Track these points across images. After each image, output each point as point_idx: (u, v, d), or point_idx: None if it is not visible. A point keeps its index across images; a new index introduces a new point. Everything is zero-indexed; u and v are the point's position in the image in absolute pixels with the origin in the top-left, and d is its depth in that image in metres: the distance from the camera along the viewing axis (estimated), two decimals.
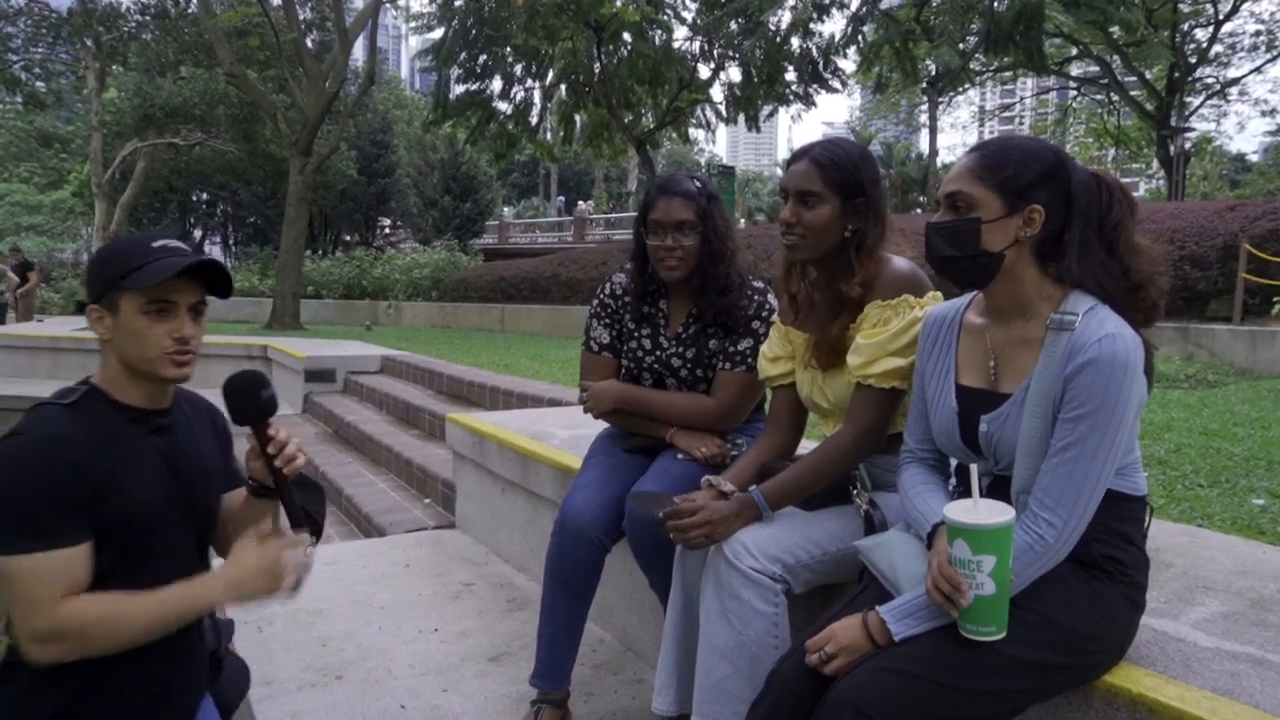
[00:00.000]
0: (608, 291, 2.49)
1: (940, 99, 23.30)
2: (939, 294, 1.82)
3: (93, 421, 1.38)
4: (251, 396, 1.46)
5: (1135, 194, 1.69)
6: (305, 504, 1.50)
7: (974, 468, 1.39)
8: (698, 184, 2.32)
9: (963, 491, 1.56)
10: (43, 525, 1.29)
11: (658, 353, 2.41)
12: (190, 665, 1.51)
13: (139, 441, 1.42)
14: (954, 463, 1.64)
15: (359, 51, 19.07)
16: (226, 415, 1.52)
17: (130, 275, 1.37)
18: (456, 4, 16.42)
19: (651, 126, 19.07)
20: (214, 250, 38.81)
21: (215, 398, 1.57)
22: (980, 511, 1.32)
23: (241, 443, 1.57)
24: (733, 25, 16.56)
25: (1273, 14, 24.94)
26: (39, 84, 24.81)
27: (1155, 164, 26.87)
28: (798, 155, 1.87)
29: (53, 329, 12.29)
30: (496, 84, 17.75)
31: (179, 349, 1.41)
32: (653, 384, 2.44)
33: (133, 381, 1.42)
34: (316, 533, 1.52)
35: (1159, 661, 1.43)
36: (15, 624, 1.30)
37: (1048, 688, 1.40)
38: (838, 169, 1.81)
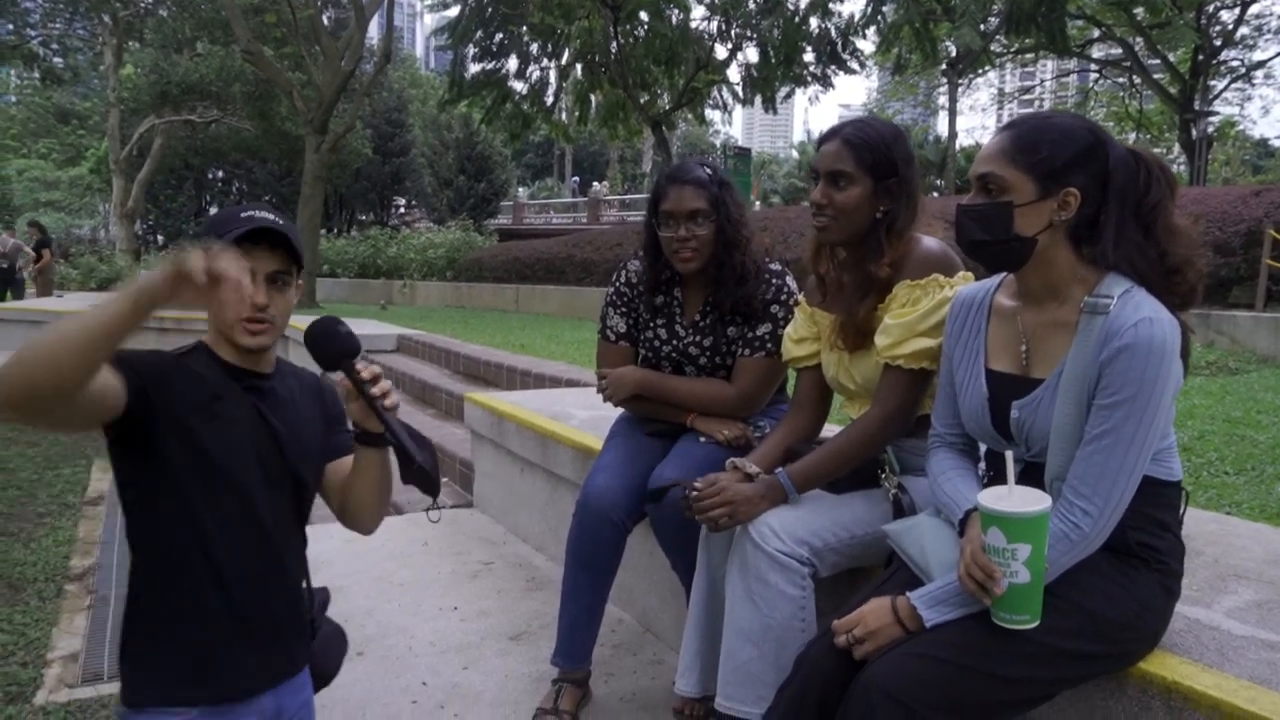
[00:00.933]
0: (623, 279, 2.47)
1: (960, 81, 23.03)
2: (969, 274, 1.79)
3: (196, 364, 1.41)
4: (332, 335, 1.44)
5: None
6: (417, 454, 1.43)
7: (1009, 455, 1.37)
8: (708, 171, 2.28)
9: (994, 478, 1.53)
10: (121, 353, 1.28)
11: (674, 342, 2.39)
12: (269, 613, 1.44)
13: (235, 393, 1.43)
14: (984, 448, 1.62)
15: (375, 29, 19.03)
16: (319, 370, 1.51)
17: (220, 233, 1.37)
18: None
19: (667, 107, 18.93)
20: None
21: None
22: (1015, 499, 1.30)
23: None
24: (751, 4, 16.39)
25: None
26: (56, 60, 24.84)
27: (1177, 148, 26.47)
28: (829, 135, 1.84)
29: (72, 304, 12.37)
30: (512, 63, 17.64)
31: (254, 315, 1.40)
32: (672, 371, 2.42)
33: (224, 343, 1.43)
34: (432, 486, 1.44)
35: (1193, 649, 1.41)
36: None
37: (1080, 675, 1.38)
38: (870, 149, 1.78)
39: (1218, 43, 22.15)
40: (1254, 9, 22.13)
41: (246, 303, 1.33)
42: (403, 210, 39.37)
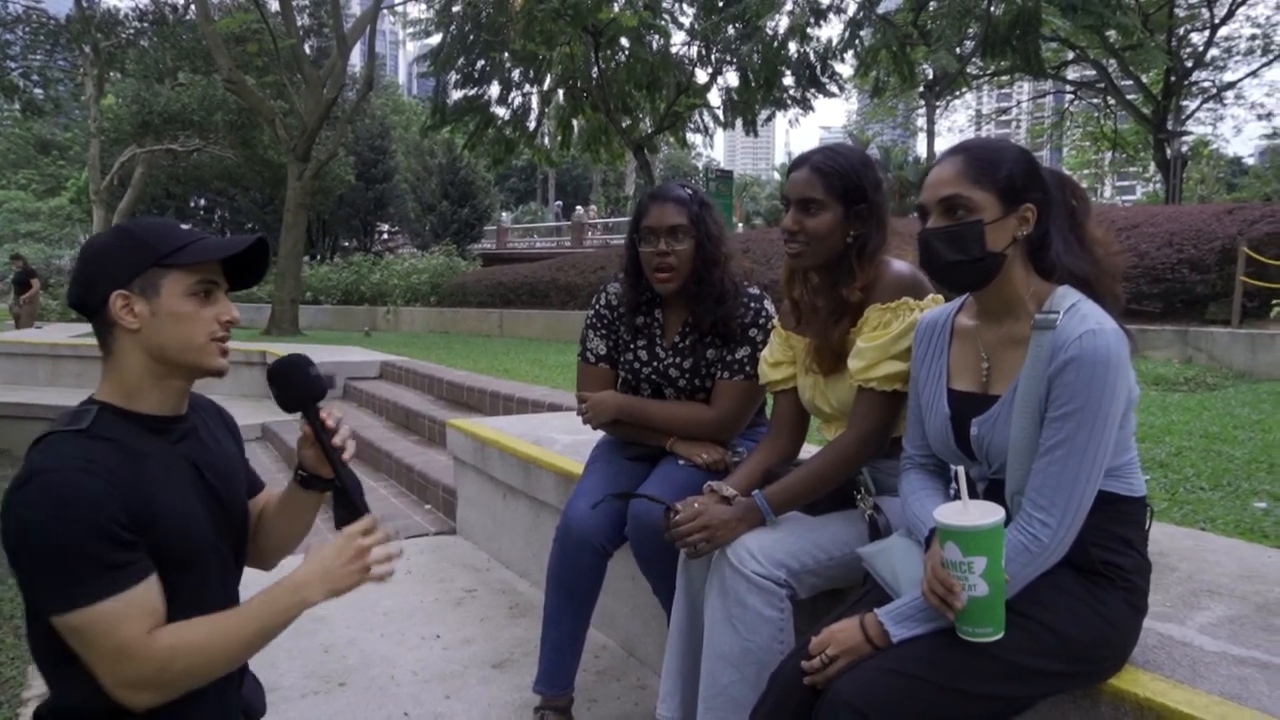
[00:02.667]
0: (603, 302, 2.48)
1: (937, 103, 23.32)
2: (939, 297, 1.81)
3: (112, 443, 1.23)
4: (301, 377, 1.36)
5: (1131, 198, 1.73)
6: (361, 505, 1.39)
7: (961, 470, 1.39)
8: (689, 191, 2.33)
9: (960, 495, 1.56)
10: (106, 564, 1.15)
11: (654, 364, 2.40)
12: (238, 679, 1.44)
13: (167, 455, 1.30)
14: (954, 467, 1.64)
15: (357, 57, 19.12)
16: (275, 402, 1.42)
17: (177, 252, 1.25)
18: (455, 10, 16.45)
19: (649, 131, 19.10)
20: None
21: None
22: (970, 513, 1.33)
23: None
24: (730, 30, 16.58)
25: (1268, 18, 24.91)
26: (37, 91, 24.76)
27: (1152, 167, 26.90)
28: (798, 163, 1.88)
29: (51, 335, 12.27)
30: (495, 89, 17.79)
31: (224, 333, 1.31)
32: (651, 394, 2.43)
33: (156, 383, 1.29)
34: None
35: (1165, 665, 1.43)
36: (105, 678, 1.18)
37: (1046, 693, 1.40)
38: (839, 176, 1.82)
39: (1189, 64, 22.56)
40: (1223, 31, 22.57)
41: (217, 325, 1.29)
42: (386, 236, 39.35)
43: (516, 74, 17.65)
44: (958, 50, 16.36)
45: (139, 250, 1.26)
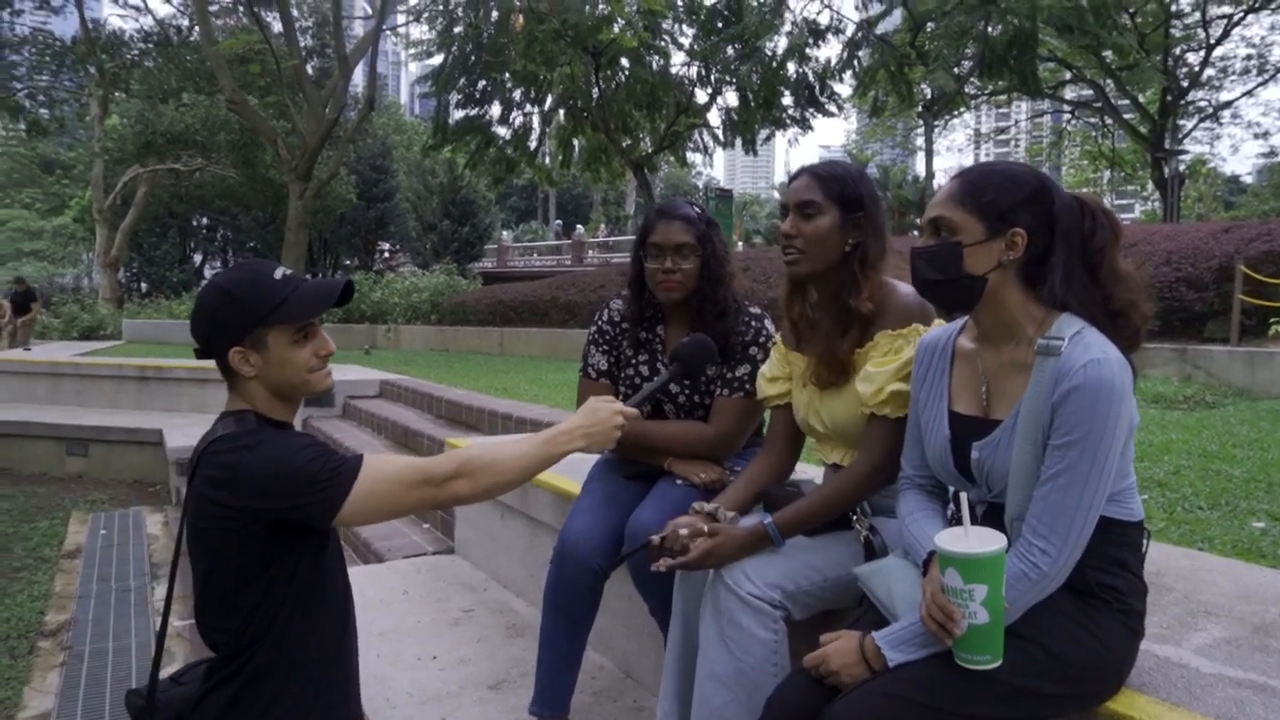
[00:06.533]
0: (605, 318, 2.50)
1: (936, 122, 23.44)
2: (943, 321, 1.82)
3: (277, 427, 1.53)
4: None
5: (1129, 216, 1.71)
6: None
7: (964, 496, 1.39)
8: (697, 210, 2.34)
9: (959, 519, 1.55)
10: (339, 462, 1.43)
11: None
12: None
13: None
14: (951, 489, 1.64)
15: (359, 78, 19.24)
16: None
17: (276, 311, 1.47)
18: (456, 31, 16.58)
19: (649, 150, 19.21)
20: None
21: (208, 422, 1.57)
22: (971, 540, 1.32)
23: None
24: (729, 51, 16.73)
25: (1263, 38, 25.12)
26: (42, 111, 24.94)
27: (1150, 186, 27.01)
28: (797, 174, 1.90)
29: (37, 355, 12.23)
30: (495, 109, 17.91)
31: (322, 364, 1.57)
32: (650, 410, 2.44)
33: (277, 405, 1.55)
34: None
35: (1161, 688, 1.42)
36: (424, 492, 1.48)
37: (1043, 715, 1.39)
38: (836, 181, 1.83)
39: (1185, 84, 22.72)
40: (1218, 51, 22.75)
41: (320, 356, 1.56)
42: (387, 255, 39.44)
43: (517, 94, 17.77)
44: (955, 70, 16.48)
45: (242, 313, 1.48)
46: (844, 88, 18.73)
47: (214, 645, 1.49)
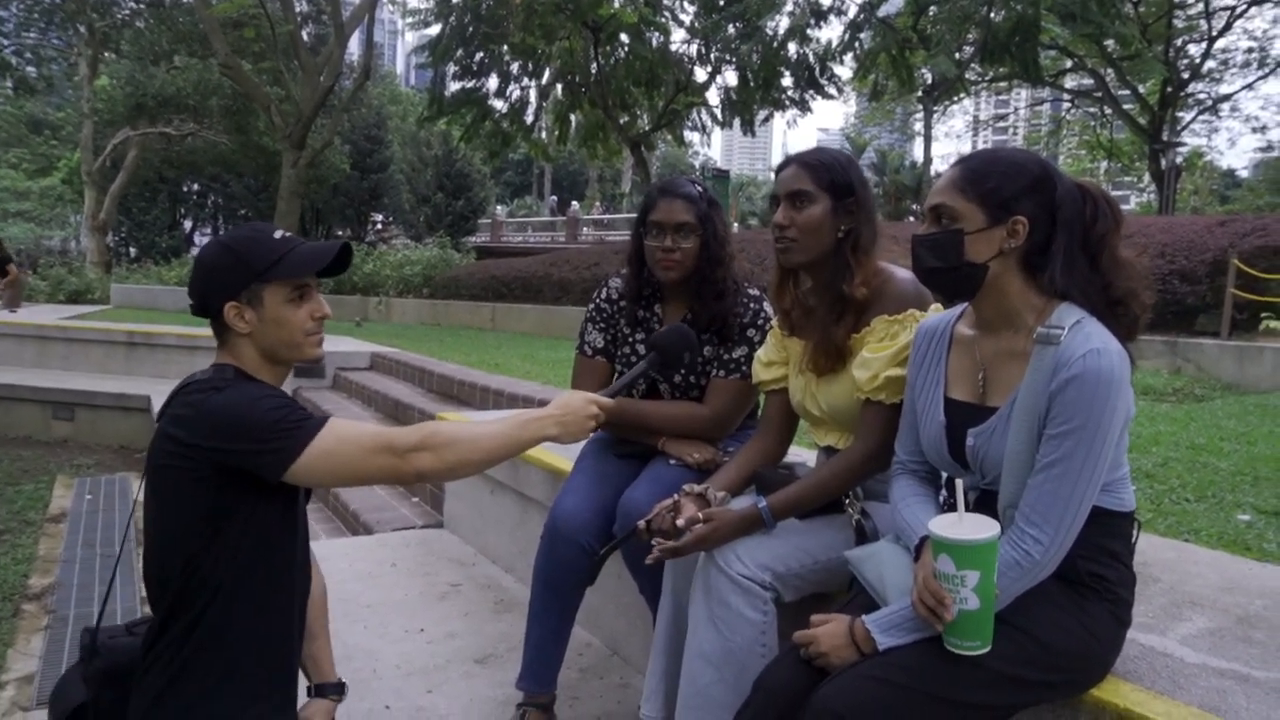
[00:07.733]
0: (603, 295, 2.48)
1: (935, 108, 23.37)
2: (940, 307, 1.81)
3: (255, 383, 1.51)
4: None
5: (1125, 207, 1.69)
6: None
7: (959, 482, 1.39)
8: (700, 188, 2.32)
9: (952, 505, 1.55)
10: (303, 416, 1.42)
11: None
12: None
13: None
14: (945, 475, 1.64)
15: (355, 46, 19.08)
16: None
17: (274, 267, 1.47)
18: (454, 1, 16.39)
19: (647, 128, 19.10)
20: (204, 241, 38.56)
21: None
22: (965, 526, 1.32)
23: None
24: (730, 29, 16.59)
25: (1265, 31, 25.10)
26: (30, 69, 24.59)
27: (1147, 177, 27.08)
28: (785, 163, 1.89)
29: (40, 317, 12.15)
30: (493, 82, 17.75)
31: (317, 328, 1.55)
32: (646, 389, 2.43)
33: (266, 369, 1.53)
34: None
35: (1146, 677, 1.43)
36: (393, 464, 1.44)
37: (1030, 702, 1.40)
38: (826, 169, 1.83)
39: (1186, 75, 22.68)
40: (1220, 43, 22.72)
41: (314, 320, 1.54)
42: (379, 226, 39.22)
43: (515, 67, 17.62)
44: (957, 56, 16.41)
45: (240, 268, 1.48)
46: (844, 70, 18.61)
47: (153, 602, 1.46)
